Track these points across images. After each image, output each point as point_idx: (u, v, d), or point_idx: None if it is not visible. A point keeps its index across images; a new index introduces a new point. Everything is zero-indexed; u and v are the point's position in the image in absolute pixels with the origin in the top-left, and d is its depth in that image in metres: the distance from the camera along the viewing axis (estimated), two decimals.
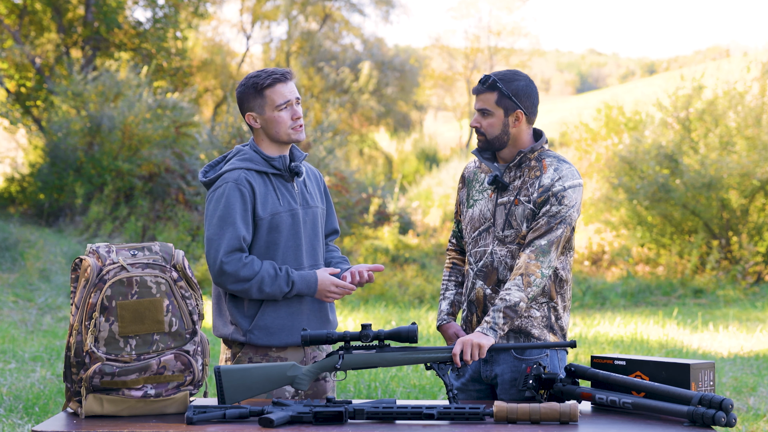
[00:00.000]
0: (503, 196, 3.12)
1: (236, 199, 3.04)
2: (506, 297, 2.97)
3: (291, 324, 3.10)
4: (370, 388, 6.18)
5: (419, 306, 11.71)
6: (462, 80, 30.83)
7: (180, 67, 19.07)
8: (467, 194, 3.25)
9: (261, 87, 3.10)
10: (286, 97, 3.11)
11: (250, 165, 3.11)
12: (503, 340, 3.09)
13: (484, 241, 3.14)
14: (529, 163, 3.12)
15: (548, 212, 3.04)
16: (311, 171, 3.33)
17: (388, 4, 26.53)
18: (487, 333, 2.92)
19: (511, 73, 3.12)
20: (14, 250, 12.11)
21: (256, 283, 3.00)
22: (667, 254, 14.04)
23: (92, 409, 2.70)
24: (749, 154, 13.23)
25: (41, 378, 6.46)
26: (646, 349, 8.11)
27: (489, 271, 3.12)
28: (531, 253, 3.00)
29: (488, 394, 3.16)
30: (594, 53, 69.84)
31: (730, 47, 33.20)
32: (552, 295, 3.10)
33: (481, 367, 3.14)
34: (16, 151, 18.13)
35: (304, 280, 3.07)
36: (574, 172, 3.09)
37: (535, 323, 3.08)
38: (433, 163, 23.67)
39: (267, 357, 3.11)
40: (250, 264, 3.01)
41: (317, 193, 3.28)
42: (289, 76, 3.14)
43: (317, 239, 3.21)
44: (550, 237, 3.01)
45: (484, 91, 3.10)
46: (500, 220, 3.11)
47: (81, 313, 2.69)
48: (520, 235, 3.07)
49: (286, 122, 3.12)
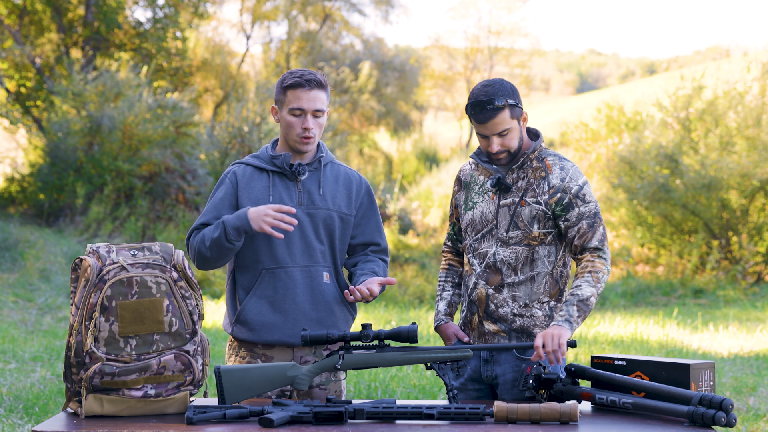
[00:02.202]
0: (506, 198, 3.11)
1: (220, 190, 3.16)
2: (578, 292, 2.98)
3: (273, 322, 3.10)
4: (370, 388, 6.18)
5: (419, 306, 11.72)
6: (462, 80, 30.84)
7: (180, 67, 19.07)
8: (465, 197, 3.24)
9: (284, 85, 3.11)
10: (301, 105, 3.08)
11: (253, 161, 3.18)
12: (505, 339, 3.09)
13: (487, 243, 3.13)
14: (531, 163, 3.12)
15: (582, 214, 3.06)
16: (346, 175, 3.25)
17: (388, 4, 26.54)
18: (562, 325, 2.92)
19: (494, 84, 3.05)
20: (14, 250, 12.11)
21: (200, 239, 3.06)
22: (667, 254, 14.05)
23: (92, 409, 2.70)
24: (749, 155, 13.23)
25: (41, 378, 6.45)
26: (646, 349, 8.11)
27: (492, 272, 3.12)
28: (590, 254, 3.05)
29: (487, 394, 3.16)
30: (594, 53, 69.88)
31: (730, 47, 33.23)
32: (554, 294, 3.10)
33: (481, 366, 3.14)
34: (16, 151, 18.13)
35: (235, 215, 3.02)
36: (578, 169, 3.14)
37: (537, 323, 3.09)
38: (433, 163, 23.68)
39: (252, 353, 3.12)
40: (199, 231, 3.11)
41: (341, 197, 3.20)
42: (314, 84, 3.08)
43: (320, 240, 3.16)
44: (598, 235, 3.06)
45: (496, 114, 3.03)
46: (504, 222, 3.11)
47: (81, 313, 2.69)
48: (530, 236, 3.07)
49: (294, 129, 3.11)
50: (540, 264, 3.09)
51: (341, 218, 3.19)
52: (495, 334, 3.11)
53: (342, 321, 3.17)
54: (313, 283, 3.13)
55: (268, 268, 3.11)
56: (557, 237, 3.11)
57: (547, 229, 3.09)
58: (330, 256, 3.18)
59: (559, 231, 3.10)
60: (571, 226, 3.07)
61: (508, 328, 3.10)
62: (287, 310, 3.10)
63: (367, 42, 26.39)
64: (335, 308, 3.16)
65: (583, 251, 3.07)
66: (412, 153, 25.17)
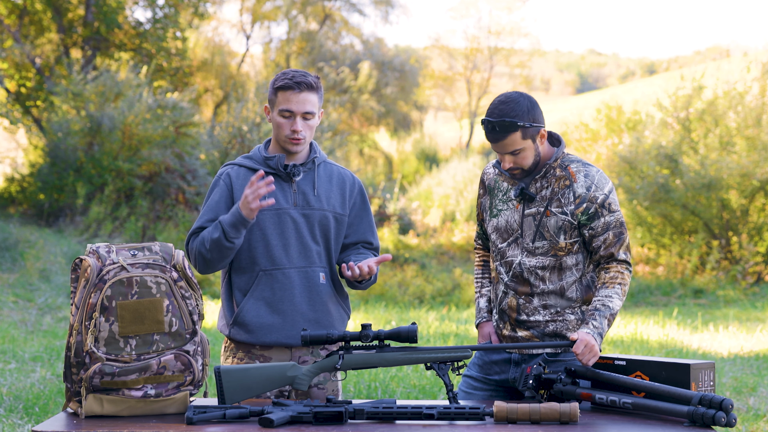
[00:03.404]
0: (531, 207, 3.08)
1: (215, 192, 3.15)
2: (609, 304, 2.98)
3: (271, 323, 3.10)
4: (370, 388, 6.18)
5: (419, 306, 11.72)
6: (462, 80, 30.84)
7: (180, 67, 19.07)
8: (490, 202, 3.20)
9: (276, 86, 3.11)
10: (290, 107, 3.08)
11: (247, 162, 3.17)
12: (525, 342, 3.09)
13: (513, 252, 3.10)
14: (554, 172, 3.07)
15: (608, 224, 3.03)
16: (339, 175, 3.25)
17: (388, 4, 26.54)
18: (596, 338, 2.92)
19: (507, 101, 2.99)
20: (14, 250, 12.10)
21: (199, 242, 3.05)
22: (667, 254, 14.05)
23: (92, 409, 2.70)
24: (749, 155, 13.23)
25: (41, 378, 6.45)
26: (646, 349, 8.11)
27: (520, 282, 3.10)
28: (619, 265, 3.04)
29: (504, 396, 3.15)
30: (594, 53, 69.87)
31: (730, 47, 33.23)
32: (587, 300, 3.10)
33: (511, 368, 3.12)
34: (16, 151, 18.13)
35: (230, 213, 3.01)
36: (603, 174, 3.08)
37: (570, 326, 3.08)
38: (433, 163, 23.67)
39: (250, 354, 3.12)
40: (197, 235, 3.10)
41: (335, 197, 3.21)
42: (304, 87, 3.07)
43: (316, 241, 3.16)
44: (624, 245, 3.05)
45: (506, 135, 2.98)
46: (529, 232, 3.07)
47: (81, 313, 2.69)
48: (557, 247, 3.04)
49: (283, 130, 3.11)
50: (569, 273, 3.07)
51: (336, 218, 3.19)
52: (528, 339, 3.10)
53: (338, 321, 3.18)
54: (310, 284, 3.13)
55: (265, 269, 3.11)
56: (583, 244, 3.08)
57: (573, 239, 3.05)
58: (326, 256, 3.18)
59: (583, 239, 3.07)
60: (596, 235, 3.04)
61: (541, 333, 3.09)
62: (285, 311, 3.10)
63: (366, 42, 26.39)
64: (331, 308, 3.17)
65: (610, 261, 3.04)
66: (412, 153, 25.16)
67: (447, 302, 12.14)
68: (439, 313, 10.79)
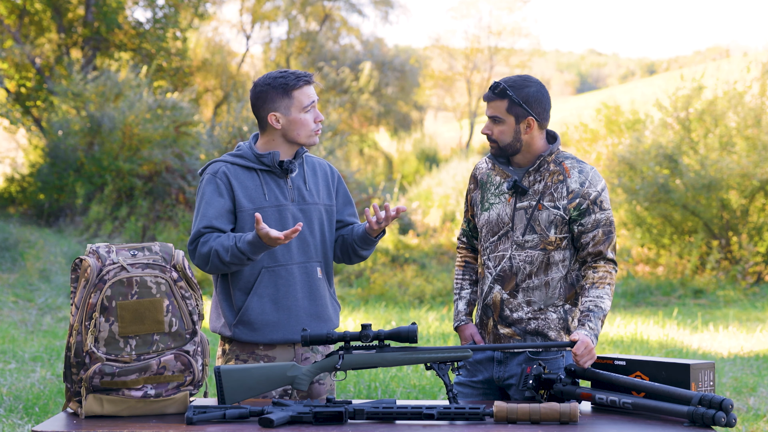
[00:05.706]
0: (523, 201, 3.09)
1: (210, 190, 3.10)
2: (601, 305, 2.99)
3: (277, 321, 3.10)
4: (370, 388, 6.18)
5: (419, 306, 11.72)
6: (462, 80, 30.83)
7: (180, 67, 19.07)
8: (481, 196, 3.21)
9: (290, 88, 3.11)
10: (312, 98, 3.14)
11: (238, 160, 3.15)
12: (519, 342, 3.09)
13: (503, 246, 3.12)
14: (548, 166, 3.09)
15: (598, 222, 3.06)
16: (320, 166, 3.29)
17: (388, 4, 26.54)
18: (593, 340, 2.92)
19: (521, 79, 3.08)
20: (14, 250, 12.11)
21: (214, 256, 3.01)
22: (667, 254, 14.04)
23: (92, 410, 2.70)
24: (749, 155, 13.23)
25: (41, 378, 6.45)
26: (646, 349, 8.11)
27: (507, 276, 3.11)
28: (606, 264, 3.06)
29: (496, 396, 3.15)
30: (594, 53, 69.82)
31: (730, 47, 33.25)
32: (569, 298, 3.10)
33: (494, 368, 3.13)
34: (16, 151, 18.13)
35: (248, 243, 2.97)
36: (596, 172, 3.11)
37: (551, 325, 3.08)
38: (433, 163, 23.65)
39: (254, 355, 3.11)
40: (205, 242, 3.04)
41: (322, 189, 3.24)
42: (313, 79, 3.17)
43: (314, 235, 3.18)
44: (612, 244, 3.08)
45: (495, 99, 3.07)
46: (520, 225, 3.09)
47: (81, 313, 2.69)
48: (547, 241, 3.06)
49: (308, 125, 3.13)
50: (555, 269, 3.08)
51: (327, 210, 3.24)
52: (509, 337, 3.11)
53: (334, 314, 3.22)
54: (309, 279, 3.16)
55: (267, 266, 3.11)
56: (571, 241, 3.10)
57: (563, 234, 3.07)
58: (321, 250, 3.21)
59: (572, 235, 3.09)
60: (585, 231, 3.06)
61: (522, 330, 3.09)
62: (289, 307, 3.12)
63: (366, 42, 26.38)
64: (328, 302, 3.21)
65: (598, 259, 3.06)
66: (412, 153, 25.15)
67: (447, 302, 12.14)
68: (439, 313, 10.79)
